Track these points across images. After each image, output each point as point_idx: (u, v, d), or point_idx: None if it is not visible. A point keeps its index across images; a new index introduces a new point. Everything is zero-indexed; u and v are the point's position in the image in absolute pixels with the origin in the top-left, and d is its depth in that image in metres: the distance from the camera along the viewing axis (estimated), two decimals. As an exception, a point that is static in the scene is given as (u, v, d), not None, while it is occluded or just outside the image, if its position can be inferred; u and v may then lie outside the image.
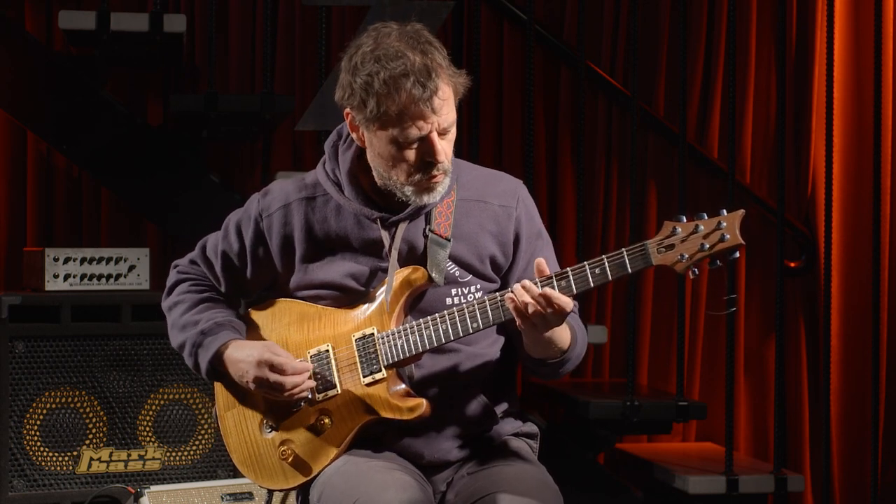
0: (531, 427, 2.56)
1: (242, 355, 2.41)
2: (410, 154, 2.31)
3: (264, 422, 2.47)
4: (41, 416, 3.66)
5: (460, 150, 4.33)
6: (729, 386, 4.08)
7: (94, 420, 3.70)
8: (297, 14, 4.56)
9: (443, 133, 2.32)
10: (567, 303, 2.23)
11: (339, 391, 2.40)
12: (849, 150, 4.69)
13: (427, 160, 2.31)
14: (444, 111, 2.29)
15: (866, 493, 4.43)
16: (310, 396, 2.41)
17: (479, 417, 2.46)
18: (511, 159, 4.63)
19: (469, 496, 2.36)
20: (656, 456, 4.31)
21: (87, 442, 3.70)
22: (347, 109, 2.36)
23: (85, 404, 3.70)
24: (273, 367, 2.37)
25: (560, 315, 2.24)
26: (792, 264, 4.67)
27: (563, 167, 4.68)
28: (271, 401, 2.46)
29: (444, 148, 2.32)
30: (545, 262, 2.29)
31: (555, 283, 2.26)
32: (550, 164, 4.70)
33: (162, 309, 2.59)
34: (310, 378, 2.40)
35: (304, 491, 2.47)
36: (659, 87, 4.69)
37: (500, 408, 2.50)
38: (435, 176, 2.34)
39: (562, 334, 2.35)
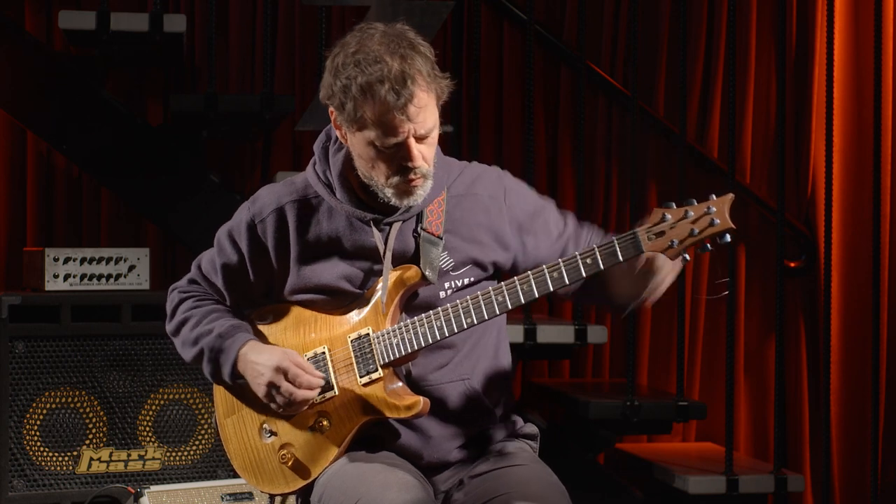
0: (531, 428, 2.56)
1: (262, 358, 2.40)
2: (387, 157, 2.32)
3: (263, 426, 2.48)
4: (41, 416, 3.67)
5: (460, 151, 4.33)
6: (729, 386, 4.08)
7: (94, 420, 3.70)
8: (297, 14, 4.57)
9: (421, 138, 2.32)
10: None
11: (337, 392, 2.41)
12: (849, 150, 4.69)
13: (404, 164, 2.32)
14: (420, 118, 2.29)
15: (866, 493, 4.43)
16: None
17: (478, 417, 2.46)
18: (511, 159, 4.62)
19: (477, 498, 2.37)
20: (656, 456, 4.31)
21: (87, 442, 3.70)
22: (331, 108, 2.37)
23: (85, 404, 3.70)
24: (288, 376, 2.37)
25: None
26: (792, 264, 4.67)
27: (563, 167, 4.68)
28: (271, 405, 2.47)
29: (423, 152, 2.33)
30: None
31: (546, 273, 2.27)
32: (550, 164, 4.71)
33: (167, 332, 2.58)
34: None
35: (304, 492, 2.47)
36: (659, 87, 4.70)
37: (498, 407, 2.50)
38: (413, 180, 2.34)
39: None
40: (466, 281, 2.41)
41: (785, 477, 4.05)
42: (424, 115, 2.30)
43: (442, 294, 2.40)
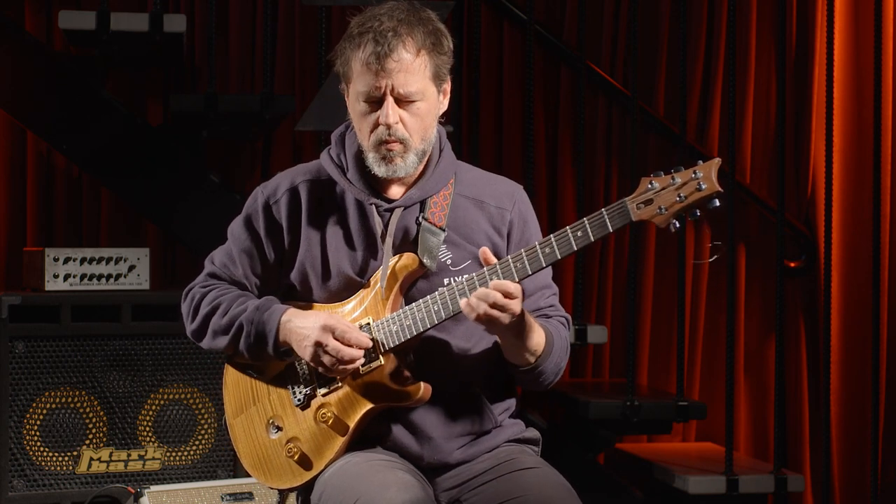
0: (533, 432, 2.56)
1: (308, 322, 2.39)
2: (369, 112, 2.38)
3: (270, 423, 2.49)
4: (41, 416, 3.66)
5: (461, 151, 4.33)
6: (729, 386, 4.08)
7: (94, 420, 3.70)
8: (297, 14, 4.56)
9: (402, 100, 2.36)
10: (496, 296, 2.23)
11: (340, 383, 2.42)
12: (849, 150, 4.69)
13: (380, 123, 2.36)
14: (400, 78, 2.34)
15: (866, 493, 4.43)
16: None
17: (480, 419, 2.47)
18: (511, 159, 4.63)
19: (489, 500, 2.38)
20: (656, 456, 4.31)
21: (87, 442, 3.70)
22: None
23: (85, 404, 3.70)
24: (338, 335, 2.36)
25: (502, 309, 2.24)
26: (792, 264, 4.67)
27: (563, 167, 4.68)
28: (275, 401, 2.49)
29: (403, 117, 2.37)
30: (489, 252, 2.31)
31: (538, 249, 2.27)
32: (550, 164, 4.71)
33: (190, 336, 2.55)
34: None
35: (305, 491, 2.48)
36: (659, 87, 4.69)
37: (501, 410, 2.51)
38: (388, 142, 2.37)
39: (532, 339, 2.36)
40: (466, 277, 2.41)
41: (785, 477, 4.05)
42: (406, 76, 2.35)
43: (441, 289, 2.40)
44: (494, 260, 2.30)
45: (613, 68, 4.69)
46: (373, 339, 2.39)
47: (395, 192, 2.46)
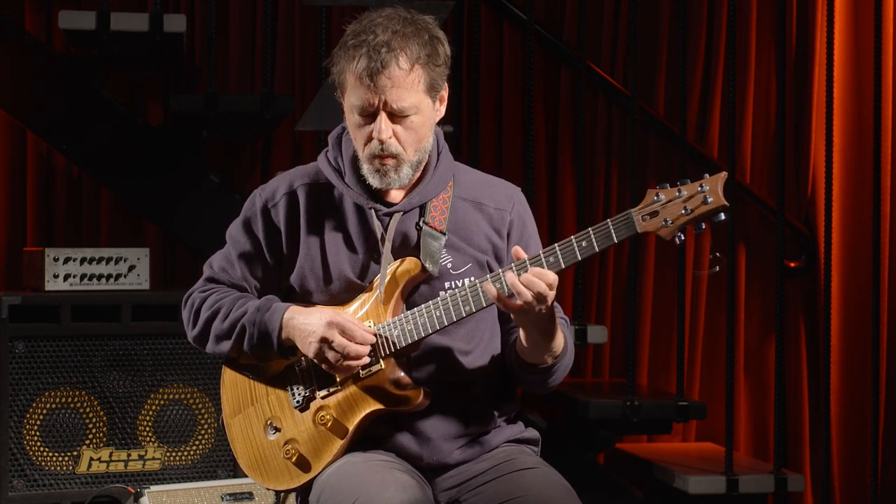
0: (532, 433, 2.57)
1: (312, 319, 2.38)
2: (363, 124, 2.37)
3: (268, 424, 2.49)
4: (41, 416, 3.67)
5: (460, 150, 4.34)
6: (729, 386, 4.09)
7: (94, 420, 3.70)
8: (297, 14, 4.57)
9: (395, 115, 2.35)
10: (536, 284, 2.23)
11: (339, 386, 2.42)
12: (849, 150, 4.69)
13: (374, 137, 2.36)
14: (393, 94, 2.33)
15: (866, 493, 4.43)
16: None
17: (479, 421, 2.47)
18: (511, 159, 4.63)
19: (489, 501, 2.38)
20: (656, 456, 4.31)
21: (87, 442, 3.70)
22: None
23: (85, 404, 3.70)
24: (344, 332, 2.35)
25: (539, 298, 2.24)
26: (792, 264, 4.67)
27: (563, 167, 4.68)
28: (274, 403, 2.48)
29: (397, 132, 2.36)
30: (521, 249, 2.30)
31: (543, 259, 2.27)
32: (550, 164, 4.71)
33: (192, 341, 2.54)
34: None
35: (304, 492, 2.48)
36: (659, 87, 4.70)
37: (501, 411, 2.51)
38: (382, 157, 2.37)
39: (556, 339, 2.37)
40: (468, 281, 2.41)
41: (785, 477, 4.06)
42: (399, 92, 2.33)
43: (443, 294, 2.40)
44: (524, 255, 2.29)
45: (613, 68, 4.69)
46: (373, 343, 2.39)
47: (394, 195, 2.45)
